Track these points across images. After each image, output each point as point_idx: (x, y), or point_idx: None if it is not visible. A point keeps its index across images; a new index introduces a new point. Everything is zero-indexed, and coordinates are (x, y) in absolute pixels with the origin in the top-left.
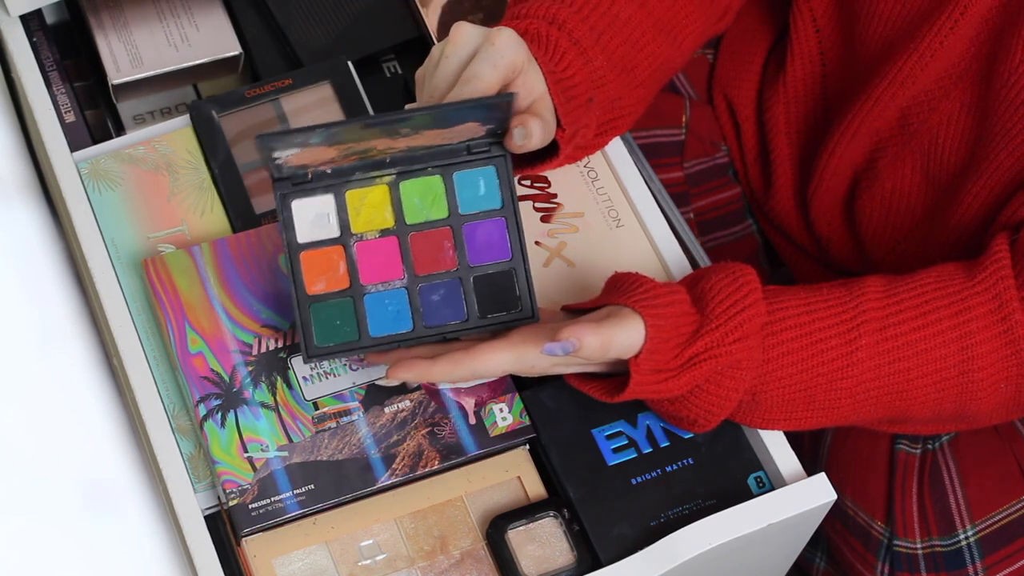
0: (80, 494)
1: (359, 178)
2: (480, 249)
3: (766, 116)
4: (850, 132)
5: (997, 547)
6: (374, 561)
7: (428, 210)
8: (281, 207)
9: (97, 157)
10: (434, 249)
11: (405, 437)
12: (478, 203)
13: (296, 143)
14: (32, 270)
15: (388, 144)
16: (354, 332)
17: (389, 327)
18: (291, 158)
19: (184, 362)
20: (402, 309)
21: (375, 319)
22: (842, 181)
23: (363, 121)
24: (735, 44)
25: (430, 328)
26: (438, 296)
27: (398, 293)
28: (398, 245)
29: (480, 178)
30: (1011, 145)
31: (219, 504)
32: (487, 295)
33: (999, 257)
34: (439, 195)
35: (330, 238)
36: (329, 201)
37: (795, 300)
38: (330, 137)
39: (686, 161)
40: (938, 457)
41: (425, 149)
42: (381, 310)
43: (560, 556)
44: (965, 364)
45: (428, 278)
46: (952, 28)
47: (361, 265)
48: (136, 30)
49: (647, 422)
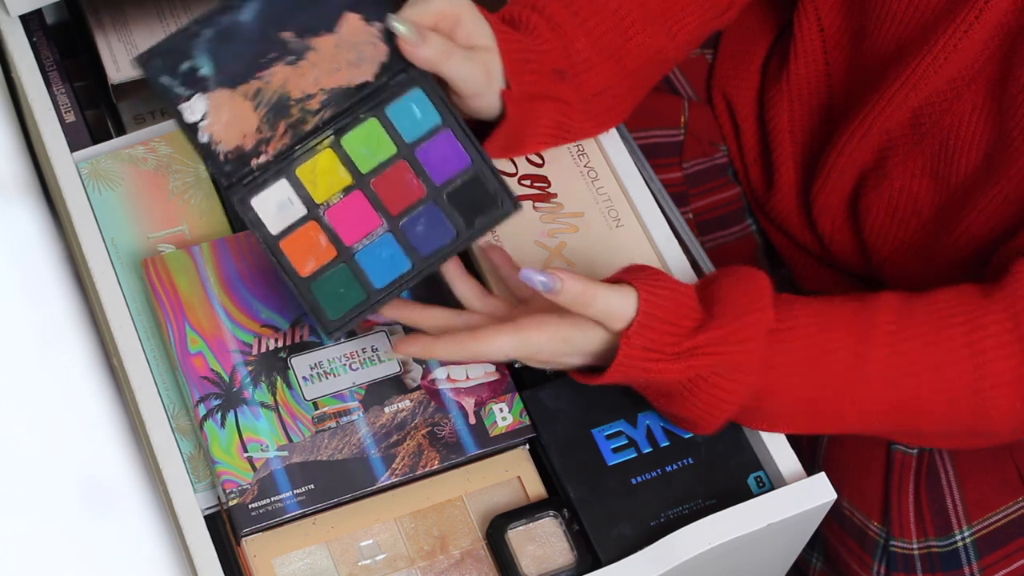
0: (79, 494)
1: (301, 152)
2: (440, 167)
3: (768, 115)
4: (860, 132)
5: (993, 548)
6: (374, 561)
7: (377, 153)
8: (243, 211)
9: (97, 157)
10: (399, 185)
11: (405, 437)
12: (419, 127)
13: (185, 73)
14: (32, 270)
15: (296, 84)
16: (361, 292)
17: (391, 273)
18: (208, 125)
19: (184, 362)
20: (395, 252)
21: (374, 272)
22: (849, 180)
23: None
24: (734, 44)
25: (428, 257)
26: (422, 226)
27: (385, 239)
28: (365, 196)
29: (411, 104)
30: None
31: (219, 504)
32: (465, 206)
33: (1020, 278)
34: (381, 135)
35: (300, 217)
36: (284, 185)
37: (807, 310)
38: (223, 73)
39: (685, 161)
40: (935, 458)
41: (344, 92)
42: (376, 262)
43: (560, 556)
44: (979, 383)
45: (405, 213)
46: (967, 31)
47: (339, 229)
48: (136, 30)
49: (647, 422)
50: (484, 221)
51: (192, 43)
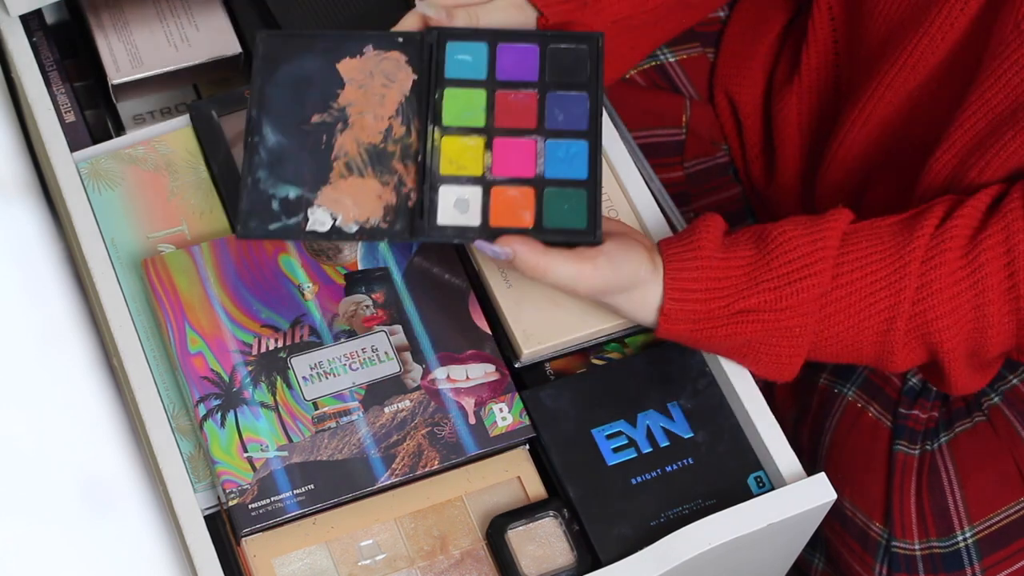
0: (79, 494)
1: (430, 162)
2: (523, 69)
3: (775, 108)
4: (860, 120)
5: (995, 548)
6: (374, 561)
7: (475, 106)
8: (445, 237)
9: (97, 157)
10: (514, 107)
11: (405, 437)
12: (479, 63)
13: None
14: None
15: (366, 134)
16: (580, 192)
17: (581, 161)
18: (344, 219)
19: (184, 362)
20: (566, 146)
21: (571, 171)
22: (850, 169)
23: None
24: (736, 43)
25: (590, 126)
26: (560, 113)
27: (551, 145)
28: (504, 137)
29: (456, 56)
30: (1002, 83)
31: (219, 504)
32: (566, 72)
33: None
34: (462, 94)
35: (482, 197)
36: (446, 191)
37: (854, 255)
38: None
39: (686, 161)
40: (936, 458)
41: (407, 102)
42: (563, 165)
43: (560, 556)
44: (979, 297)
45: (541, 118)
46: (962, 9)
47: (516, 173)
48: (136, 30)
49: (647, 422)
50: (593, 68)
51: (260, 187)
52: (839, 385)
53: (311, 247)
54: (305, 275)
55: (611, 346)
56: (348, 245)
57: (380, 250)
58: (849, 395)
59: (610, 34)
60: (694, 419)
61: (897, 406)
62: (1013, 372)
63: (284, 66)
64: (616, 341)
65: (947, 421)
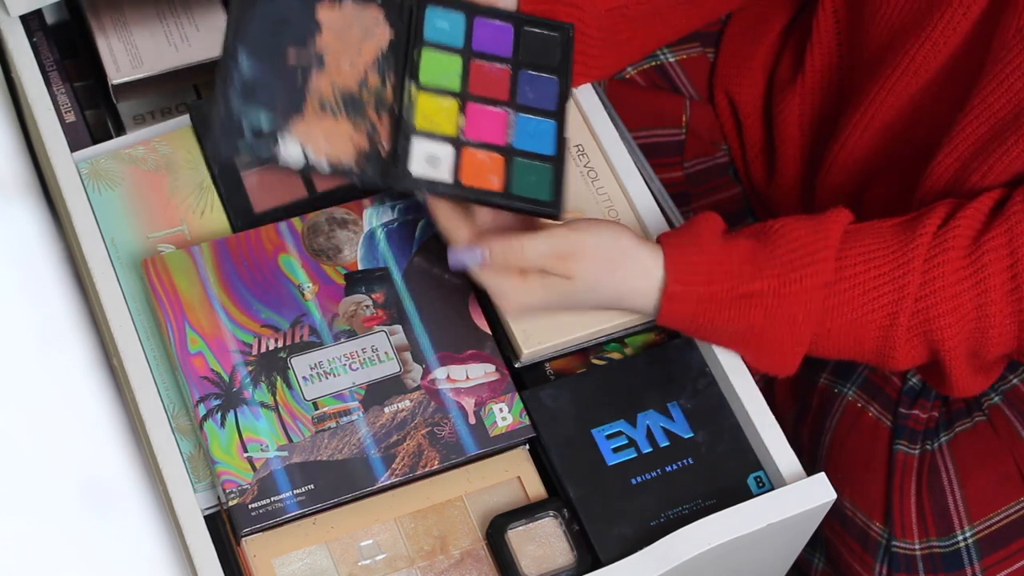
0: (79, 494)
1: (405, 115)
2: (498, 44)
3: (777, 108)
4: (863, 124)
5: (995, 548)
6: (374, 561)
7: (451, 71)
8: (415, 186)
9: (97, 157)
10: (488, 78)
11: (405, 437)
12: (456, 31)
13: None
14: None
15: (341, 80)
16: (546, 167)
17: (549, 137)
18: (316, 154)
19: (184, 362)
20: (536, 122)
21: (539, 145)
22: (851, 172)
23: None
24: (736, 43)
25: (559, 107)
26: (531, 91)
27: (521, 120)
28: (476, 103)
29: (435, 21)
30: (1004, 88)
31: (219, 504)
32: (540, 54)
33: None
34: (439, 57)
35: (453, 154)
36: (419, 144)
37: (856, 251)
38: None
39: (686, 161)
40: (936, 458)
41: (384, 57)
42: (532, 139)
43: (560, 556)
44: (981, 297)
45: (512, 92)
46: (965, 13)
47: (487, 138)
48: (136, 30)
49: (647, 422)
50: (563, 55)
51: (232, 114)
52: (839, 385)
53: (311, 247)
54: (305, 275)
55: (611, 346)
56: (348, 245)
57: (380, 250)
58: (849, 395)
59: (606, 22)
60: (694, 419)
61: (897, 406)
62: (1013, 372)
63: (263, 2)
64: (616, 341)
65: (947, 421)
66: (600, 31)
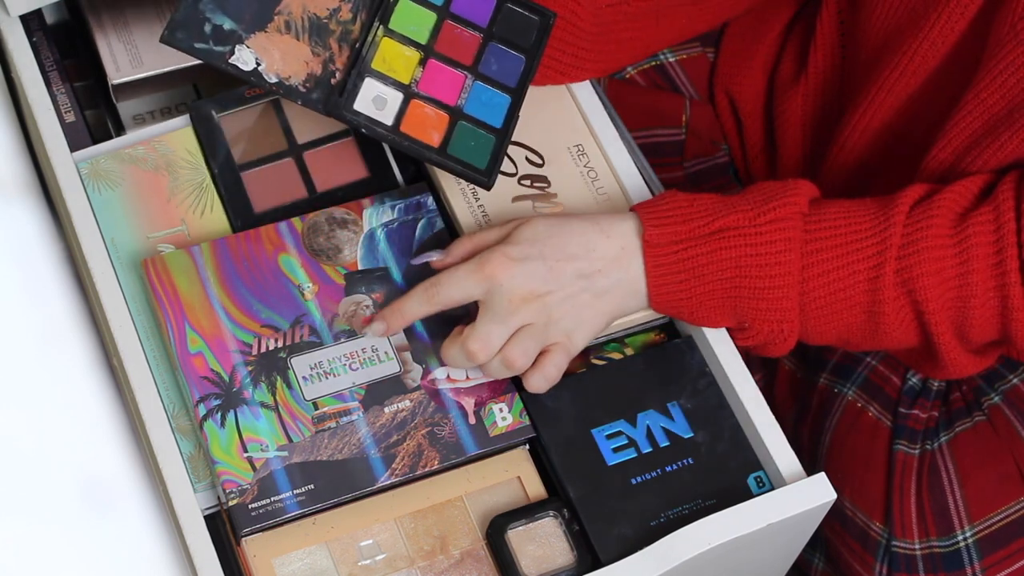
0: (79, 494)
1: (365, 52)
2: (477, 12)
3: (778, 109)
4: (862, 124)
5: (995, 548)
6: (374, 561)
7: (422, 24)
8: (354, 119)
9: (97, 157)
10: (457, 41)
11: (405, 437)
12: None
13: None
14: (32, 270)
15: (314, 4)
16: (489, 136)
17: (500, 111)
18: (268, 67)
19: (184, 362)
20: (491, 94)
21: (488, 116)
22: (850, 173)
23: None
24: (736, 42)
25: (518, 85)
26: (495, 64)
27: (477, 87)
28: (438, 61)
29: None
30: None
31: (219, 504)
32: (515, 33)
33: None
34: (416, 9)
35: (401, 101)
36: (371, 84)
37: (834, 207)
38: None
39: (686, 161)
40: (936, 458)
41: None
42: (483, 107)
43: (560, 556)
44: (964, 266)
45: (477, 60)
46: (962, 12)
47: (438, 95)
48: (136, 30)
49: (647, 422)
50: (537, 39)
51: (199, 7)
52: (839, 385)
53: (311, 247)
54: (305, 275)
55: (611, 346)
56: (348, 245)
57: (380, 250)
58: (849, 395)
59: (605, 18)
60: (694, 419)
61: (897, 406)
62: (1013, 372)
63: None
64: (616, 341)
65: (947, 421)
66: (596, 26)
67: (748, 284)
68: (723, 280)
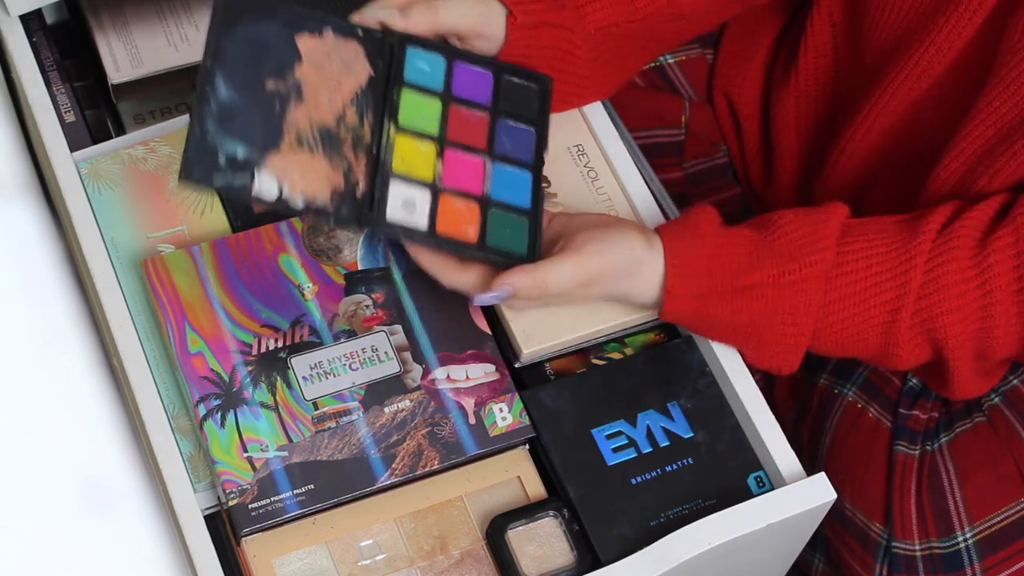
0: (79, 494)
1: (383, 156)
2: (477, 90)
3: (774, 110)
4: (864, 128)
5: (995, 549)
6: (374, 561)
7: (430, 114)
8: (389, 231)
9: (97, 157)
10: (466, 124)
11: (405, 437)
12: (437, 74)
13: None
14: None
15: (319, 114)
16: (522, 218)
17: (526, 188)
18: (291, 190)
19: (184, 362)
20: (512, 172)
21: (516, 197)
22: (851, 177)
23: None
24: (735, 43)
25: (536, 158)
26: (508, 141)
27: (497, 169)
28: (455, 150)
29: (416, 63)
30: (1011, 92)
31: (219, 504)
32: (518, 104)
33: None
34: (419, 100)
35: (431, 201)
36: (397, 188)
37: (858, 245)
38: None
39: (686, 161)
40: (937, 459)
41: (363, 93)
42: (509, 190)
43: (560, 556)
44: (987, 297)
45: (490, 140)
46: (971, 18)
47: (464, 187)
48: (136, 30)
49: (647, 422)
50: (540, 107)
51: (208, 139)
52: (839, 385)
53: (311, 247)
54: (305, 275)
55: (611, 346)
56: (348, 245)
57: (380, 250)
58: (849, 395)
59: (596, 41)
60: (694, 419)
61: (897, 406)
62: (1013, 373)
63: (243, 25)
64: (616, 341)
65: (947, 421)
66: (590, 51)
67: (759, 335)
68: (736, 329)
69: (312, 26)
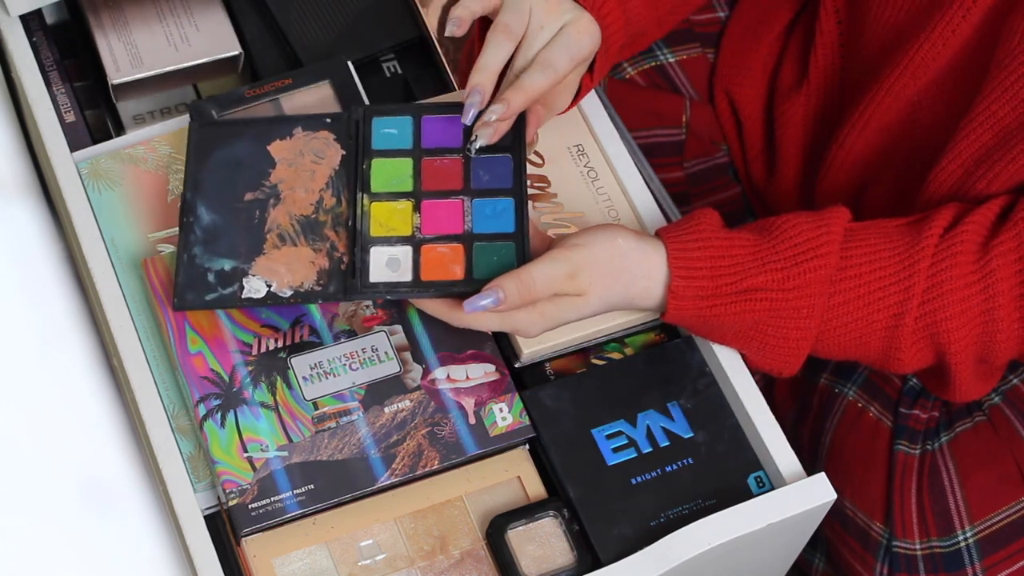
0: (80, 494)
1: (361, 226)
2: (447, 137)
3: (780, 109)
4: (860, 124)
5: (996, 548)
6: (374, 561)
7: (402, 173)
8: (376, 294)
9: (97, 157)
10: (440, 172)
11: (405, 437)
12: (404, 134)
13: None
14: (32, 270)
15: (298, 206)
16: (508, 246)
17: (508, 216)
18: (279, 286)
19: (184, 362)
20: (493, 204)
21: (499, 226)
22: (850, 172)
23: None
24: (736, 43)
25: (515, 184)
26: (486, 174)
27: (477, 204)
28: (432, 199)
29: (382, 129)
30: (1009, 95)
31: (219, 504)
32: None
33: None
34: (390, 163)
35: (412, 254)
36: (377, 251)
37: (862, 249)
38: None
39: (686, 161)
40: (937, 458)
41: (337, 174)
42: (491, 220)
43: (560, 556)
44: (989, 302)
45: (466, 180)
46: (964, 16)
47: (445, 230)
48: (136, 30)
49: (647, 422)
50: (514, 133)
51: (196, 263)
52: (839, 385)
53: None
54: None
55: (611, 346)
56: None
57: None
58: (849, 395)
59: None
60: (694, 419)
61: (897, 406)
62: (1013, 372)
63: (217, 152)
64: (616, 341)
65: (947, 421)
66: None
67: (762, 338)
68: (738, 331)
69: (281, 132)
